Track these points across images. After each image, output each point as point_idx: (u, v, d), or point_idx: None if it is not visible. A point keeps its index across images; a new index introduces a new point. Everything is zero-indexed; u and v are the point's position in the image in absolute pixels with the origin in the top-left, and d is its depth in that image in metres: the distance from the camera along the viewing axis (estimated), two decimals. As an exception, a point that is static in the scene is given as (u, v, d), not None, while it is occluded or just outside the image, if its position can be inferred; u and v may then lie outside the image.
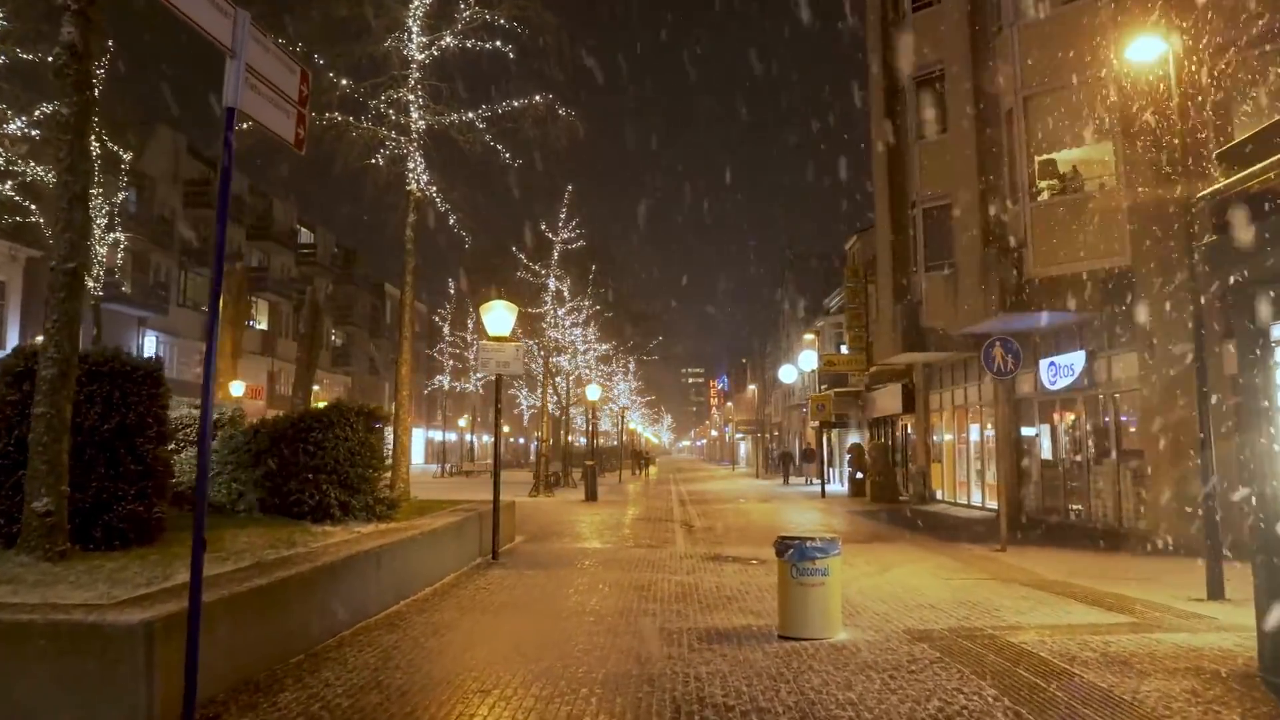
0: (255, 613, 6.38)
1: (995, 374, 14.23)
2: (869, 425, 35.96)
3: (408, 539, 10.05)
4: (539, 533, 17.71)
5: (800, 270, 60.39)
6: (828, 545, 7.57)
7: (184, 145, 48.30)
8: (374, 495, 11.37)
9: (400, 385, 15.64)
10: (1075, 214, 15.80)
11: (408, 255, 15.86)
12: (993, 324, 17.47)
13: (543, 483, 30.66)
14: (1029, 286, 16.27)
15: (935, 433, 26.60)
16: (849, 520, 21.32)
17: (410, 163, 16.01)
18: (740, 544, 15.91)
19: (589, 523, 20.48)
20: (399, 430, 15.49)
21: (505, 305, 13.61)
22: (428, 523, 11.62)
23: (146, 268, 44.53)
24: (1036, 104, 16.55)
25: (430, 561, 10.85)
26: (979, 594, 10.06)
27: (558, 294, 34.11)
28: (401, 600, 9.56)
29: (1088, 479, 17.07)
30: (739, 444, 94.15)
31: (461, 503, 15.73)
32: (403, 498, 14.99)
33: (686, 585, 10.87)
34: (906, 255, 24.00)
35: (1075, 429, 17.98)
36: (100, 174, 25.96)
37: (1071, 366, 17.19)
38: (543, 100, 16.80)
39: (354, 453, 11.10)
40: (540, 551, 14.52)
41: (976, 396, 23.03)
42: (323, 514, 10.80)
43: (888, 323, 24.45)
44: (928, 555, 13.88)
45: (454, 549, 11.99)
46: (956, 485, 24.73)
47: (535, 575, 11.68)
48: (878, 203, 25.69)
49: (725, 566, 12.73)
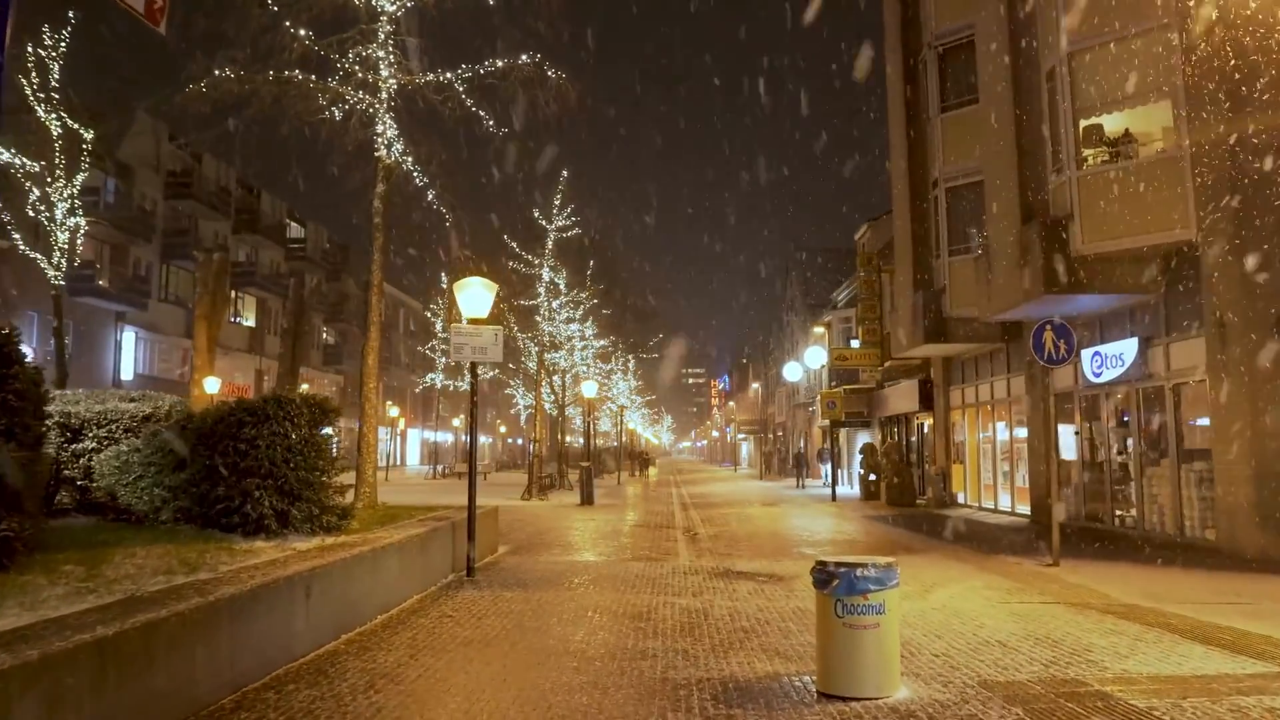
0: (94, 674, 4.54)
1: (1045, 362, 12.39)
2: (880, 424, 34.13)
3: (354, 558, 8.22)
4: (526, 542, 15.88)
5: (806, 265, 58.55)
6: (884, 574, 5.74)
7: (165, 134, 46.46)
8: (320, 503, 9.55)
9: (366, 377, 13.80)
10: (1130, 183, 13.96)
11: (375, 229, 14.04)
12: (1033, 308, 15.64)
13: (536, 485, 28.83)
14: (1077, 265, 14.43)
15: (956, 432, 24.76)
16: (867, 527, 19.48)
17: (380, 125, 14.21)
18: (752, 556, 14.08)
19: (583, 530, 18.65)
20: (365, 427, 13.68)
21: (483, 283, 11.77)
22: (386, 536, 9.80)
23: (125, 260, 42.71)
24: (1084, 60, 14.71)
25: (385, 583, 9.02)
26: (1053, 625, 8.22)
27: (552, 286, 32.28)
28: (343, 635, 7.74)
29: (1140, 482, 15.23)
30: (741, 445, 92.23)
31: (438, 509, 13.92)
32: (368, 505, 13.19)
33: (693, 612, 9.04)
34: (927, 240, 22.20)
35: (1124, 426, 16.15)
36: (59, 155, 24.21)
37: (1120, 356, 15.35)
38: (530, 59, 15.03)
39: (295, 453, 9.28)
40: (524, 566, 12.69)
41: (1005, 391, 21.19)
42: (255, 527, 8.98)
43: (906, 313, 22.64)
44: (970, 571, 12.04)
45: (418, 566, 10.16)
46: (982, 488, 22.88)
47: (513, 598, 9.85)
48: (894, 185, 23.89)
49: (738, 585, 10.90)
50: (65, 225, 25.14)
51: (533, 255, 30.81)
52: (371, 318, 13.93)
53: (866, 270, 28.36)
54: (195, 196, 47.21)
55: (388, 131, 14.20)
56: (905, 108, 23.06)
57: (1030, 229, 15.22)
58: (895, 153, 23.53)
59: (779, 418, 66.22)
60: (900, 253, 23.48)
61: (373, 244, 13.97)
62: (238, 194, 53.87)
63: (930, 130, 21.67)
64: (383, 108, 14.14)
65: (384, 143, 14.18)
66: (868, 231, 36.51)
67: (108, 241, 41.38)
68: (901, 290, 23.40)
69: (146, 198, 44.55)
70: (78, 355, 38.36)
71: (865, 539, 17.01)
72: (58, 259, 24.81)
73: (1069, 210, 14.59)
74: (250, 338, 54.35)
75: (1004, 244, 16.43)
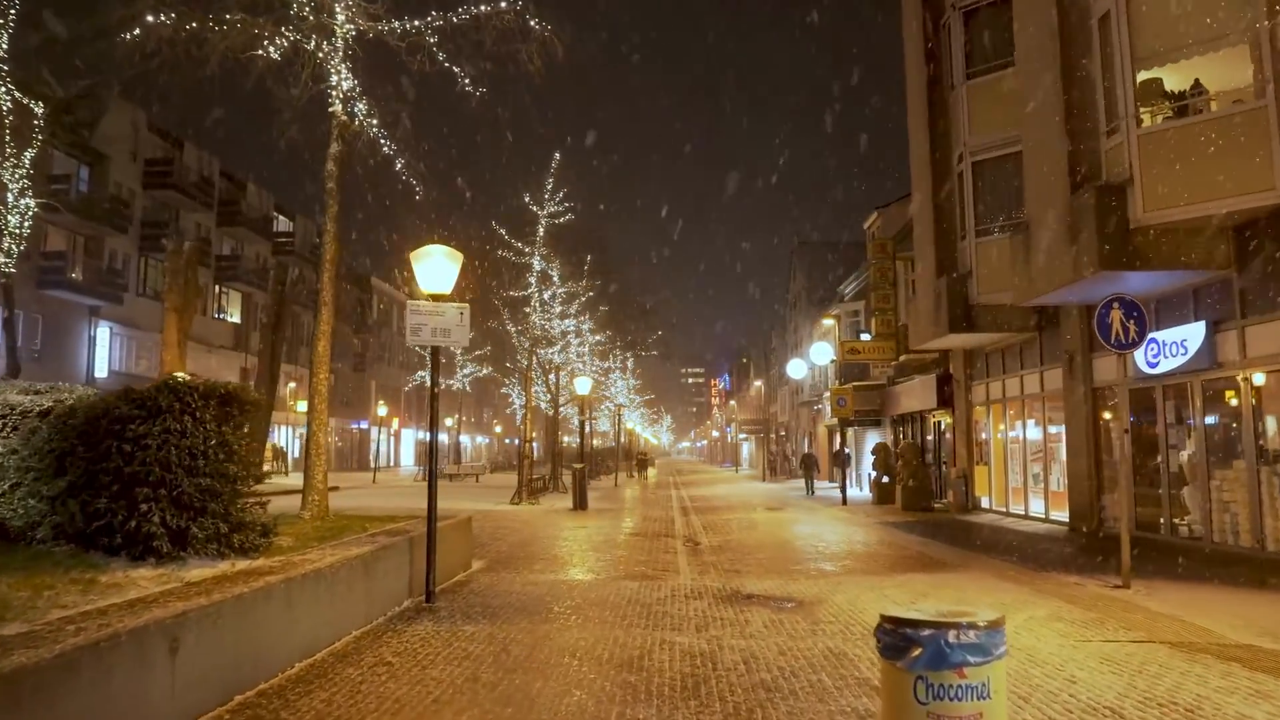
0: None
1: (1115, 347, 10.49)
2: (892, 423, 32.25)
3: (258, 593, 6.32)
4: (506, 555, 13.99)
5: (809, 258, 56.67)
6: (988, 638, 3.85)
7: (144, 122, 44.55)
8: (232, 519, 7.65)
9: (316, 365, 11.88)
10: (1201, 141, 12.05)
11: (329, 196, 12.13)
12: (1082, 289, 13.77)
13: (526, 489, 26.91)
14: (1136, 237, 12.53)
15: (979, 430, 22.87)
16: (887, 535, 17.58)
17: (335, 76, 12.33)
18: (763, 573, 12.19)
19: (573, 540, 16.76)
20: (314, 425, 11.79)
21: (446, 253, 9.87)
22: (317, 559, 7.90)
23: (100, 252, 40.75)
24: (1143, 2, 12.82)
25: (310, 620, 7.13)
26: (1166, 679, 6.33)
27: (544, 276, 30.38)
28: (236, 696, 5.85)
29: (1206, 487, 13.33)
30: (742, 445, 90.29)
31: (400, 519, 12.03)
32: (316, 515, 11.30)
33: (698, 657, 7.15)
34: (951, 221, 20.31)
35: (1183, 423, 14.27)
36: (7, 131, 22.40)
37: (1183, 343, 13.46)
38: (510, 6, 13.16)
39: (198, 455, 7.38)
40: (498, 587, 10.79)
41: (1036, 386, 19.28)
42: (144, 548, 7.09)
43: (927, 302, 20.73)
44: (1026, 595, 10.14)
45: (359, 595, 8.26)
46: (1009, 492, 20.98)
47: (476, 635, 7.95)
48: (914, 163, 21.99)
49: (750, 615, 9.01)
50: (16, 208, 23.28)
51: (523, 243, 28.92)
52: (323, 297, 12.01)
53: (880, 258, 26.44)
54: (176, 186, 45.26)
55: (343, 84, 12.32)
56: (925, 78, 21.16)
57: (1081, 197, 13.30)
58: (914, 127, 21.63)
59: (782, 417, 64.34)
60: (920, 236, 21.58)
61: (325, 212, 12.06)
62: (223, 186, 51.94)
63: (954, 101, 19.78)
64: (338, 56, 12.25)
65: (338, 96, 12.30)
66: (878, 219, 34.64)
67: (80, 232, 39.42)
68: (922, 277, 21.49)
69: (123, 187, 42.58)
70: (48, 352, 36.47)
71: (888, 551, 15.12)
72: (9, 245, 23.00)
73: (1126, 175, 12.69)
74: (235, 335, 52.42)
75: (1047, 218, 14.53)
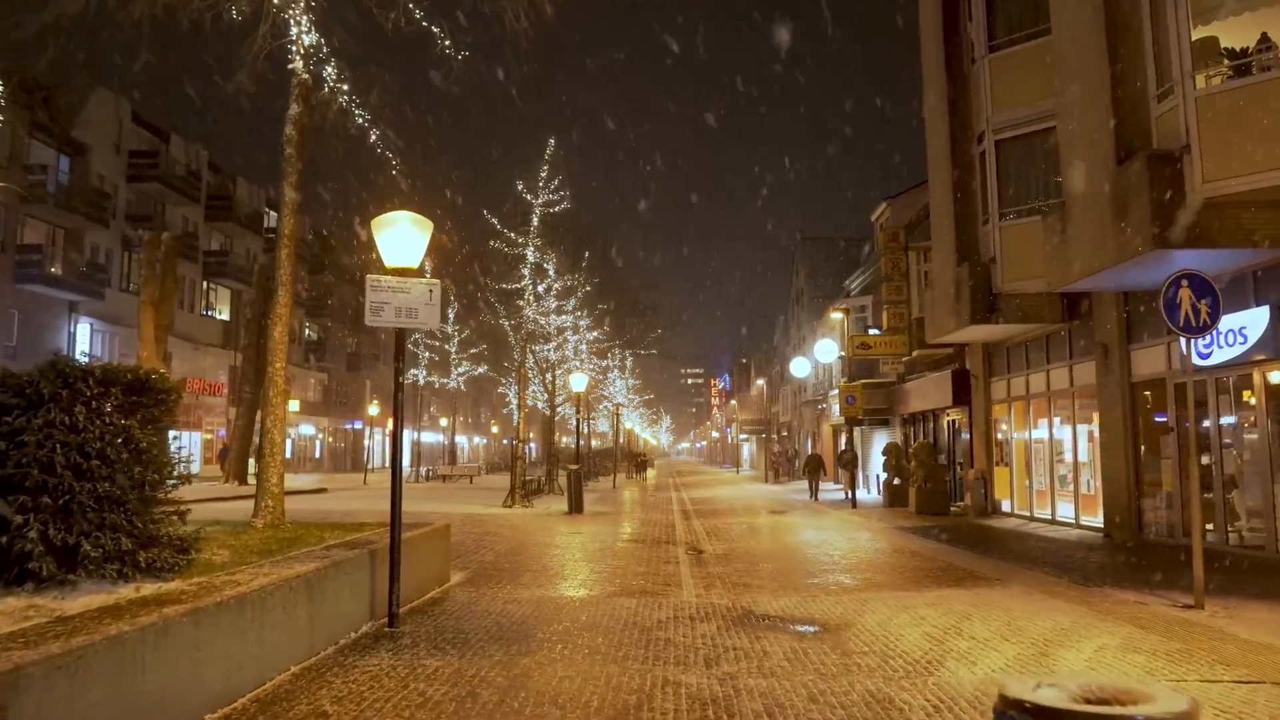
0: None
1: (1185, 331, 9.11)
2: (902, 423, 30.88)
3: (141, 631, 4.94)
4: (491, 566, 12.61)
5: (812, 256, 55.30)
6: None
7: (128, 113, 43.20)
8: (140, 534, 6.27)
9: (273, 353, 10.48)
10: (1269, 103, 10.71)
11: (287, 162, 10.75)
12: (1128, 271, 12.43)
13: (520, 491, 25.51)
14: (1195, 211, 11.16)
15: (999, 429, 21.50)
16: (906, 542, 16.20)
17: (295, 29, 10.97)
18: (778, 589, 10.82)
19: (565, 548, 15.38)
20: (269, 421, 10.41)
21: (413, 219, 8.48)
22: (249, 578, 6.53)
23: (80, 246, 39.36)
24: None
25: (226, 661, 5.75)
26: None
27: (538, 268, 29.01)
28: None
29: (1270, 490, 11.97)
30: (742, 445, 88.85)
31: (370, 526, 10.67)
32: (270, 523, 9.92)
33: (709, 704, 5.78)
34: (971, 205, 18.95)
35: (1243, 418, 12.91)
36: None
37: (1242, 330, 12.11)
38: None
39: (93, 455, 6.01)
40: (476, 607, 9.41)
41: (1065, 380, 17.91)
42: (19, 570, 5.72)
43: (946, 291, 19.36)
44: (1084, 616, 8.77)
45: (300, 622, 6.88)
46: (1033, 495, 19.61)
47: (439, 674, 6.58)
48: (931, 144, 20.62)
49: (768, 644, 7.64)
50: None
51: (515, 233, 27.58)
52: (280, 276, 10.60)
53: (892, 248, 25.06)
54: (161, 179, 43.86)
55: (304, 37, 10.95)
56: (944, 53, 19.80)
57: (1130, 169, 11.93)
58: (931, 104, 20.27)
59: (784, 417, 62.96)
60: (938, 222, 20.22)
61: (284, 180, 10.68)
62: (212, 180, 50.66)
63: (976, 76, 18.42)
64: (299, 5, 10.90)
65: (299, 52, 10.94)
66: (886, 211, 33.27)
67: (60, 224, 38.06)
68: (940, 266, 20.12)
69: (105, 179, 41.20)
70: (24, 349, 35.03)
71: (912, 561, 13.74)
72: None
73: (1183, 141, 11.33)
74: (225, 332, 51.04)
75: (1088, 194, 13.16)
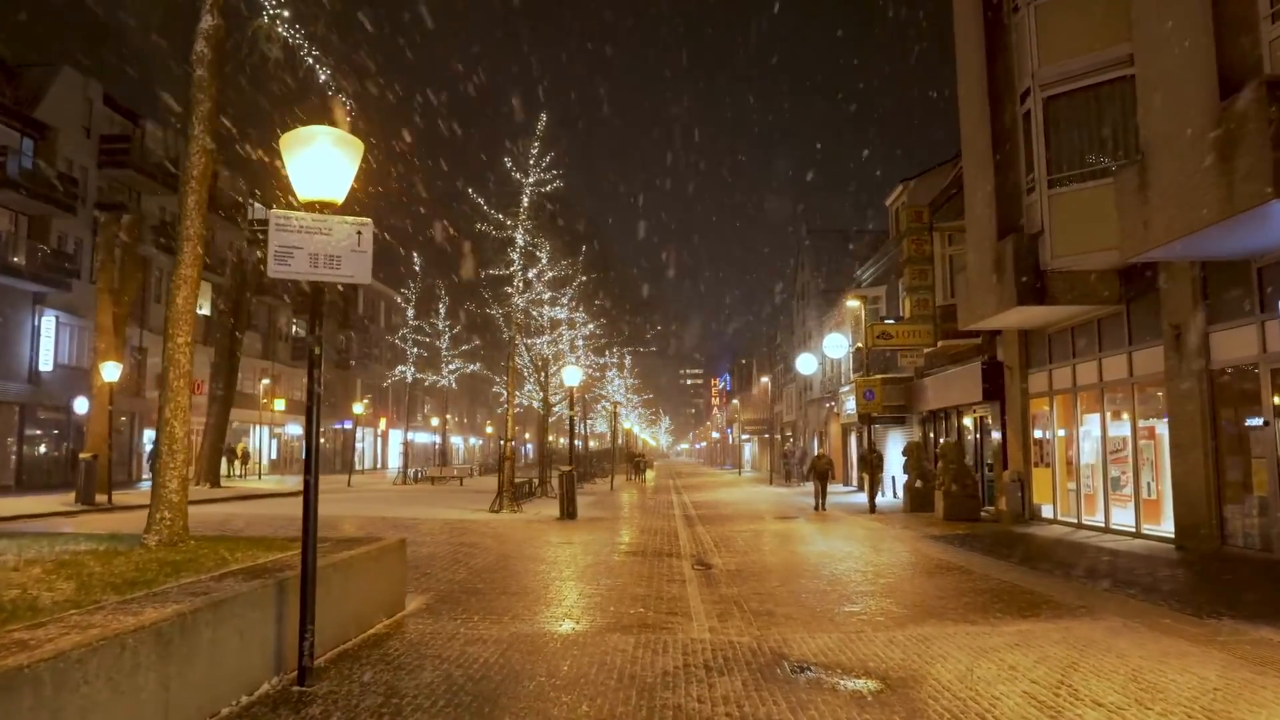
0: None
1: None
2: (920, 421, 28.74)
3: None
4: (461, 588, 10.43)
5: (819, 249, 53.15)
6: None
7: (99, 95, 41.02)
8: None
9: (173, 328, 8.29)
10: None
11: (197, 88, 8.57)
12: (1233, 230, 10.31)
13: (507, 494, 23.32)
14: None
15: (1039, 426, 19.35)
16: (945, 555, 14.02)
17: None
18: (809, 616, 8.66)
19: (553, 563, 13.22)
20: (167, 411, 8.22)
21: (336, 138, 6.32)
22: (58, 634, 4.38)
23: (46, 234, 37.17)
24: None
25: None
26: None
27: (529, 253, 26.83)
28: None
29: None
30: (744, 446, 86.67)
31: (293, 546, 8.49)
32: (165, 541, 7.76)
33: None
34: (1014, 171, 16.84)
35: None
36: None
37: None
38: None
39: None
40: (428, 649, 7.24)
41: (1123, 370, 15.78)
42: None
43: (985, 269, 17.21)
44: (1231, 668, 6.62)
45: (148, 694, 4.69)
46: (1080, 499, 17.46)
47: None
48: (964, 111, 18.52)
49: (815, 713, 5.50)
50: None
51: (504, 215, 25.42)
52: (185, 229, 8.39)
53: (916, 228, 22.90)
54: (134, 165, 41.70)
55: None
56: (980, 5, 17.71)
57: (1241, 101, 9.76)
58: (965, 61, 18.17)
59: (788, 416, 60.82)
60: (973, 195, 18.09)
61: (193, 110, 8.51)
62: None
63: (1018, 26, 16.32)
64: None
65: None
66: (903, 194, 31.10)
67: (23, 211, 35.88)
68: (976, 244, 17.97)
69: (74, 164, 39.01)
70: (-16, 343, 32.94)
71: (962, 581, 11.56)
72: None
73: (1308, 70, 9.21)
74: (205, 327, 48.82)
75: (1180, 140, 11.01)
